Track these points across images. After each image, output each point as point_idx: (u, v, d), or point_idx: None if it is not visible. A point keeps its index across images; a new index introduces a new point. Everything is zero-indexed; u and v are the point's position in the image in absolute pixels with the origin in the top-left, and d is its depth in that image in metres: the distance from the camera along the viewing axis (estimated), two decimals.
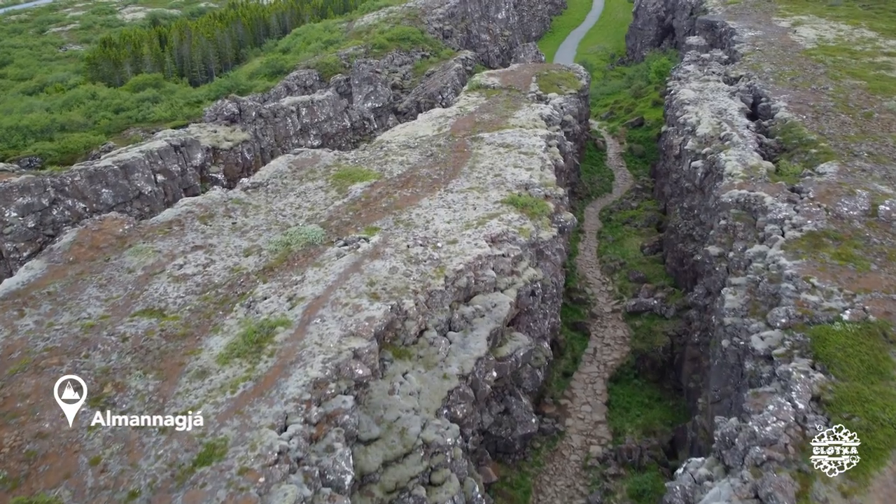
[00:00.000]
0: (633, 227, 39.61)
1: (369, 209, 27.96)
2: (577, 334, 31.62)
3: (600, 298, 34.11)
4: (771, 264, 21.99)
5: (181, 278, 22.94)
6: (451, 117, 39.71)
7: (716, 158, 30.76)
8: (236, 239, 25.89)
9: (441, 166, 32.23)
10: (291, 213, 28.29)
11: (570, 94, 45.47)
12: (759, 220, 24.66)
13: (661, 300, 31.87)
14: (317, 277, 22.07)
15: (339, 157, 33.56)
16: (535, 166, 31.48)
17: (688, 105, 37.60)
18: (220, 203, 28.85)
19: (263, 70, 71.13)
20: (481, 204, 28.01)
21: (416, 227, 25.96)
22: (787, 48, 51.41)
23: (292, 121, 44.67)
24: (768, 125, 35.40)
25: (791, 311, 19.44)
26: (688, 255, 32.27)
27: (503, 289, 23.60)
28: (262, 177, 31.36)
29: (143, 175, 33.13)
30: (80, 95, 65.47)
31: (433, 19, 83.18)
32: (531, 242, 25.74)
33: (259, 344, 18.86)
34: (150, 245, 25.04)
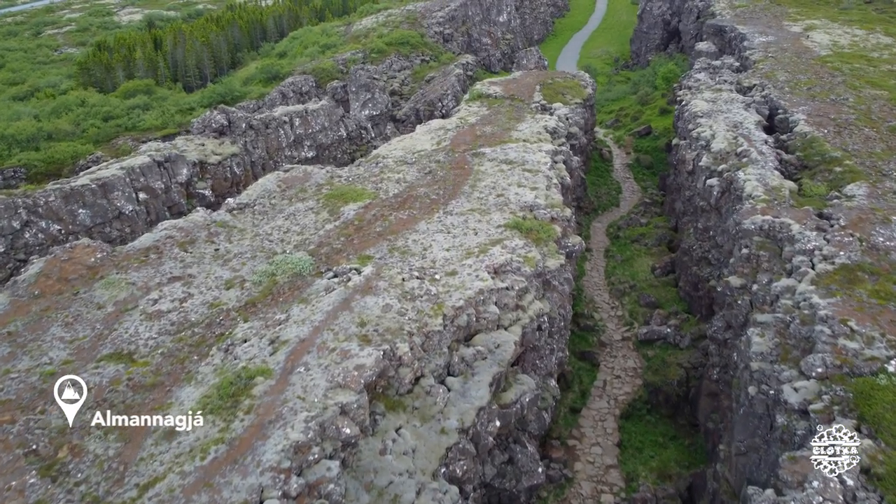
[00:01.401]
0: (643, 245, 37.60)
1: (362, 234, 26.00)
2: (586, 364, 29.66)
3: (609, 325, 32.12)
4: (802, 302, 20.01)
5: (155, 315, 20.99)
6: (450, 130, 37.73)
7: (734, 177, 28.77)
8: (218, 268, 23.93)
9: (440, 185, 30.26)
10: (279, 237, 26.34)
11: (576, 103, 43.49)
12: (785, 250, 22.68)
13: (674, 328, 29.88)
14: (303, 316, 20.10)
15: (331, 175, 31.60)
16: (540, 185, 29.51)
17: (701, 118, 35.61)
18: (203, 227, 26.89)
19: (258, 76, 69.23)
20: (483, 228, 26.05)
21: (413, 256, 23.99)
22: (800, 55, 49.40)
23: (285, 132, 42.73)
24: (787, 140, 33.41)
25: (828, 360, 17.47)
26: (703, 279, 30.28)
27: (507, 326, 21.63)
28: (249, 197, 29.42)
29: (124, 194, 31.20)
30: (69, 102, 63.56)
31: (433, 23, 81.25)
32: (537, 272, 23.77)
33: (235, 398, 16.89)
34: (124, 276, 23.08)
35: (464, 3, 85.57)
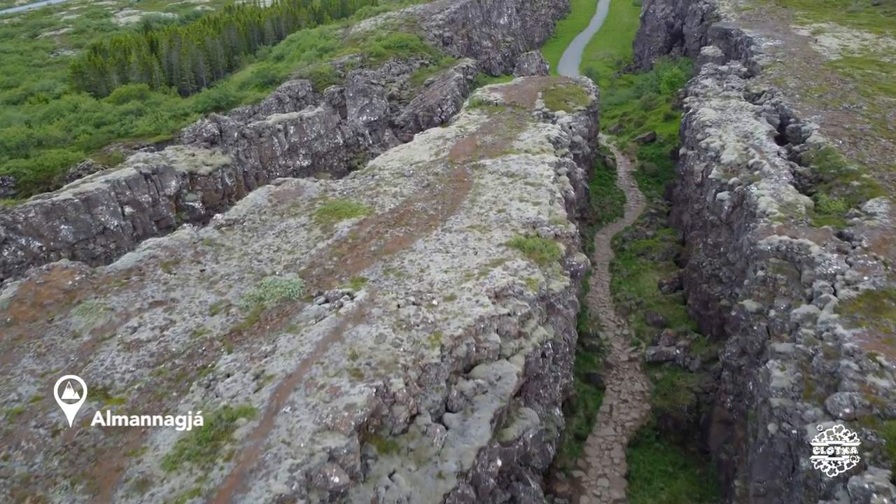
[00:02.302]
0: (650, 259, 36.26)
1: (356, 253, 24.69)
2: (591, 387, 28.34)
3: (615, 344, 30.79)
4: (824, 332, 18.69)
5: (133, 346, 19.68)
6: (449, 139, 36.43)
7: (746, 192, 27.46)
8: (203, 292, 22.62)
9: (438, 199, 28.95)
10: (269, 257, 25.04)
11: (579, 110, 42.17)
12: (804, 274, 21.36)
13: (683, 349, 28.56)
14: (290, 347, 18.79)
15: (325, 188, 30.29)
16: (543, 200, 28.20)
17: (710, 127, 34.28)
18: (189, 245, 25.59)
19: (254, 80, 67.92)
20: (483, 247, 24.73)
21: (409, 278, 22.69)
22: (809, 60, 48.07)
23: (279, 140, 41.43)
24: (800, 151, 32.10)
25: (856, 399, 16.15)
26: (713, 298, 28.95)
27: (509, 356, 20.32)
28: (239, 212, 28.11)
29: (109, 208, 29.91)
30: (61, 107, 62.35)
31: (432, 25, 79.95)
32: (540, 296, 22.46)
33: (215, 442, 15.59)
34: (103, 301, 21.78)
35: (464, 6, 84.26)
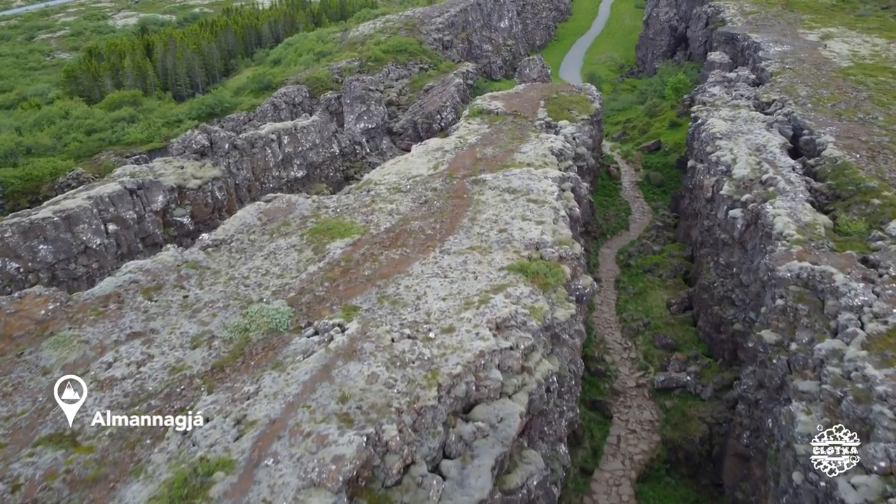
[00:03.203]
0: (657, 276, 34.84)
1: (349, 278, 23.29)
2: (597, 416, 26.94)
3: (622, 369, 29.37)
4: (853, 372, 17.27)
5: (107, 384, 18.28)
6: (449, 151, 35.03)
7: (761, 211, 26.04)
8: (185, 321, 21.22)
9: (436, 217, 27.56)
10: (256, 281, 23.65)
11: (583, 119, 40.76)
12: (828, 304, 19.94)
13: (695, 375, 27.13)
14: (275, 388, 17.39)
15: (318, 205, 28.90)
16: (546, 218, 26.80)
17: (720, 139, 32.86)
18: (173, 268, 24.19)
19: (250, 85, 66.56)
20: (484, 271, 23.33)
21: (404, 307, 21.29)
22: (820, 66, 46.68)
23: (272, 151, 40.04)
24: (815, 165, 30.69)
25: (892, 452, 14.74)
26: (726, 321, 27.53)
27: (511, 393, 18.91)
28: (226, 232, 26.72)
29: (91, 226, 28.52)
30: (52, 114, 61.01)
31: (432, 29, 78.58)
32: (545, 326, 21.05)
33: (189, 501, 14.19)
34: (77, 332, 20.38)
35: (464, 9, 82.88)
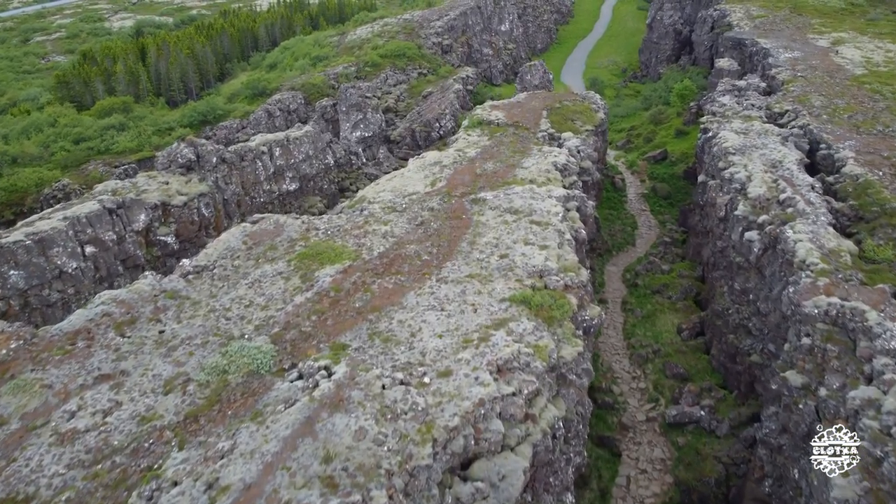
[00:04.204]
0: (666, 298, 33.10)
1: (338, 311, 21.59)
2: (605, 453, 25.23)
3: (631, 400, 27.65)
4: (893, 427, 15.55)
5: (68, 437, 16.60)
6: (447, 166, 33.32)
7: (780, 235, 24.33)
8: (159, 361, 19.54)
9: (433, 241, 25.86)
10: (239, 313, 21.95)
11: (587, 130, 39.05)
12: (860, 346, 18.23)
13: (709, 410, 25.43)
14: (253, 445, 15.69)
15: (307, 227, 27.20)
16: (550, 242, 25.09)
17: (733, 154, 31.15)
18: (150, 299, 22.51)
19: (244, 92, 64.82)
20: (484, 303, 21.63)
21: (397, 345, 19.59)
22: (833, 74, 44.95)
23: (263, 164, 38.36)
24: (835, 183, 28.99)
25: None
26: (742, 352, 25.83)
27: (514, 446, 17.23)
28: (209, 257, 25.02)
29: (66, 249, 26.85)
30: (40, 121, 59.21)
31: (431, 33, 76.85)
32: (550, 366, 19.35)
33: None
34: (40, 376, 18.70)
35: (464, 13, 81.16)
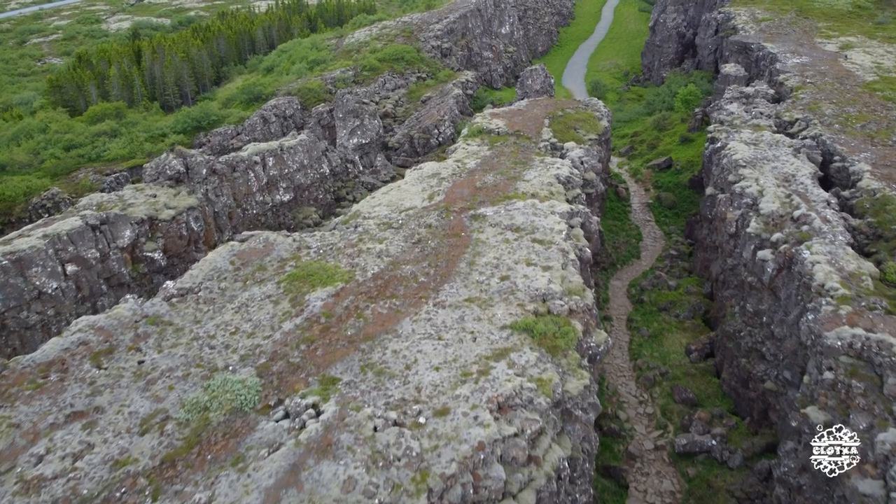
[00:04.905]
0: (674, 316, 31.85)
1: (329, 339, 20.34)
2: (611, 484, 23.98)
3: (638, 427, 26.41)
4: None
5: (34, 486, 15.35)
6: (445, 178, 32.07)
7: (796, 256, 23.07)
8: (137, 396, 18.29)
9: (430, 260, 24.60)
10: (224, 341, 20.71)
11: (591, 140, 37.81)
12: (888, 383, 16.97)
13: (721, 439, 24.18)
14: (232, 496, 14.45)
15: (298, 245, 25.95)
16: (554, 262, 23.84)
17: (744, 167, 29.89)
18: (130, 325, 21.26)
19: (239, 97, 63.59)
20: (484, 331, 20.38)
21: (391, 379, 18.35)
22: (843, 80, 43.70)
23: (255, 174, 37.11)
24: (851, 198, 27.73)
25: None
26: (755, 377, 24.57)
27: (516, 492, 15.98)
28: (194, 279, 23.77)
29: (45, 269, 25.60)
30: (31, 127, 58.00)
31: (430, 36, 75.62)
32: (555, 402, 18.11)
33: None
34: (8, 413, 17.45)
35: (463, 15, 79.93)
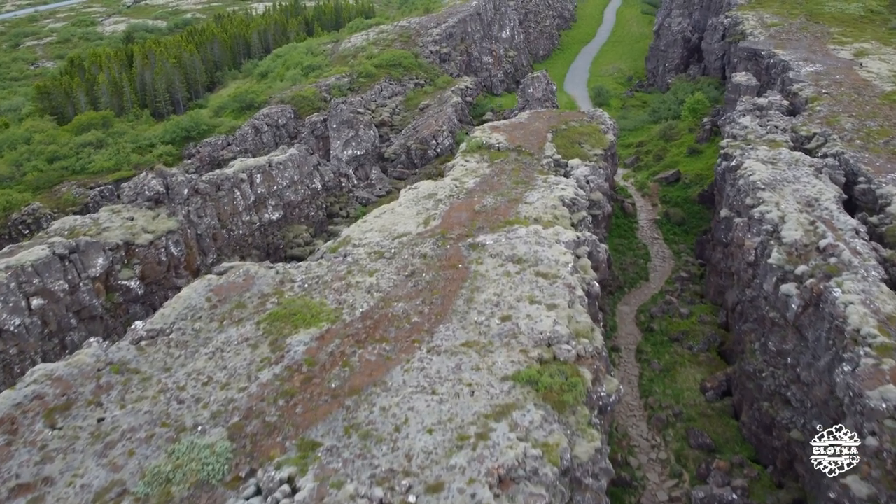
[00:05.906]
0: (686, 348, 29.82)
1: (310, 393, 18.31)
2: None
3: (650, 475, 24.35)
4: None
5: None
6: (442, 200, 30.02)
7: (825, 294, 21.01)
8: (92, 463, 16.27)
9: (425, 297, 22.56)
10: (194, 394, 18.68)
11: (596, 155, 35.79)
12: None
13: (742, 492, 22.12)
14: None
15: (282, 279, 23.92)
16: (559, 300, 21.80)
17: (762, 190, 27.83)
18: (91, 375, 19.24)
19: (231, 104, 61.52)
20: (483, 383, 18.34)
21: (378, 443, 16.31)
22: (860, 90, 41.67)
23: (242, 192, 35.10)
24: (880, 224, 25.70)
25: None
26: (779, 425, 22.51)
27: None
28: (166, 319, 21.73)
29: (8, 304, 23.62)
30: (15, 137, 55.96)
31: (429, 41, 73.56)
32: (563, 470, 16.07)
33: None
34: None
35: (463, 19, 77.84)
